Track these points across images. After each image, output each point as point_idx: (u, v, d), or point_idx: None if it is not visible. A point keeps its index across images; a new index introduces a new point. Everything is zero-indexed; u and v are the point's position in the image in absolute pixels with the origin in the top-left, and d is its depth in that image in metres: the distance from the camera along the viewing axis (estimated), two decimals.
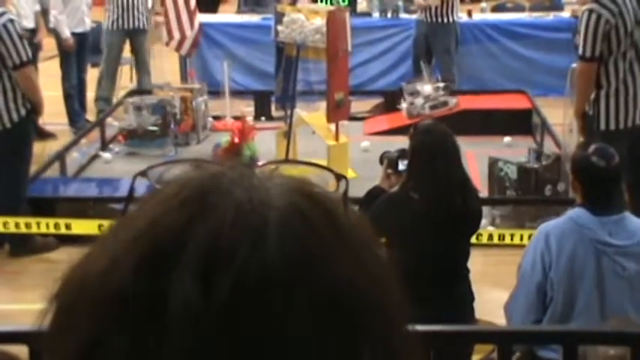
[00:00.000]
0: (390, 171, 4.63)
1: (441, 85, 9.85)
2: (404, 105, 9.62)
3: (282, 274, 0.62)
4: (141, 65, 10.43)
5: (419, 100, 9.55)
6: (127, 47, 10.43)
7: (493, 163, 7.40)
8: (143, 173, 0.78)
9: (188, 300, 0.61)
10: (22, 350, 2.87)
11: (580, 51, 6.31)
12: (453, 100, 9.67)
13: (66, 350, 0.64)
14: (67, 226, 6.66)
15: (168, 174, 0.75)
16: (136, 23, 10.09)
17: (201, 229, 0.63)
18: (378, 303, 0.66)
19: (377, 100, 10.63)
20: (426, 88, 9.68)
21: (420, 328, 0.71)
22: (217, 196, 0.65)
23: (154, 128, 8.88)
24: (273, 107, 9.96)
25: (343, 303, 0.64)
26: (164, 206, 0.66)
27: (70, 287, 0.67)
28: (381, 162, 4.75)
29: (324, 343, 0.62)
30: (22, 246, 6.86)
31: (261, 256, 0.62)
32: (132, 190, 0.79)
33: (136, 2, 10.02)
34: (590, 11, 6.22)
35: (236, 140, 8.06)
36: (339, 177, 0.78)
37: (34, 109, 6.85)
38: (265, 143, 8.25)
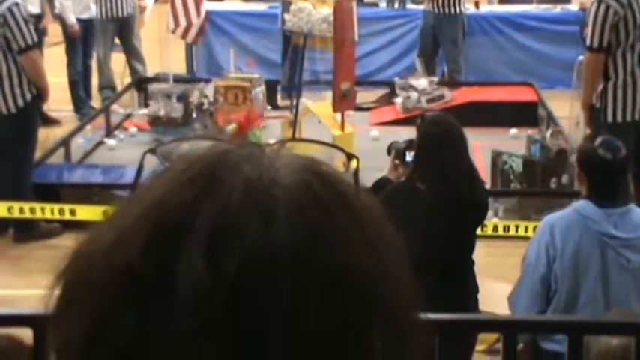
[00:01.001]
0: (397, 162, 4.62)
1: (436, 78, 9.87)
2: (398, 100, 9.63)
3: (290, 254, 0.62)
4: (133, 52, 10.42)
5: (414, 94, 9.57)
6: None
7: (496, 157, 7.39)
8: (152, 151, 0.77)
9: (196, 278, 0.60)
10: (26, 333, 2.88)
11: (587, 41, 6.30)
12: (449, 94, 9.69)
13: (73, 327, 0.64)
14: (72, 212, 6.67)
15: (177, 151, 0.74)
16: (127, 10, 10.09)
17: (209, 207, 0.63)
18: (388, 283, 0.66)
19: (383, 91, 10.61)
20: (422, 82, 9.70)
21: (424, 315, 0.70)
22: (226, 173, 0.64)
23: (178, 116, 8.83)
24: (279, 96, 9.94)
25: (352, 282, 0.63)
26: (172, 183, 0.65)
27: (77, 264, 0.66)
28: (389, 153, 4.74)
29: (332, 322, 0.62)
30: (27, 231, 6.86)
31: (270, 235, 0.62)
32: (141, 167, 0.78)
33: None
34: (600, 2, 6.21)
35: (241, 127, 8.05)
36: (350, 157, 0.78)
37: (40, 94, 6.84)
38: (271, 132, 8.25)
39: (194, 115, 8.85)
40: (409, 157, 4.51)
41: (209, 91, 9.33)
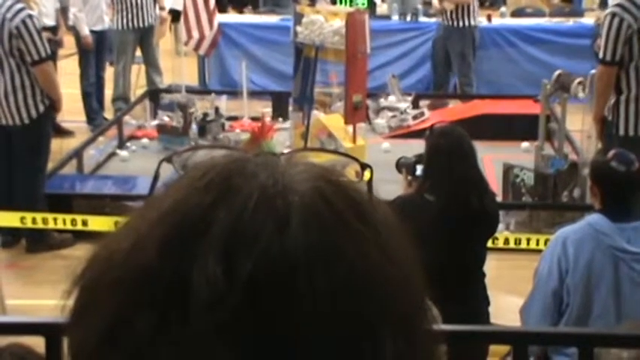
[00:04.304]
0: (410, 178, 4.61)
1: (409, 98, 9.98)
2: (379, 121, 9.65)
3: (303, 258, 0.63)
4: (152, 63, 10.46)
5: (395, 114, 9.67)
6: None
7: (508, 170, 7.38)
8: (168, 159, 0.78)
9: (211, 281, 0.61)
10: (39, 342, 2.89)
11: (600, 54, 6.30)
12: (427, 112, 9.84)
13: (90, 329, 0.65)
14: (84, 223, 6.68)
15: (193, 159, 0.75)
16: (148, 21, 10.13)
17: (224, 211, 0.64)
18: (401, 288, 0.66)
19: None
20: (401, 103, 9.82)
21: (436, 325, 0.71)
22: (242, 180, 0.66)
23: (179, 125, 9.01)
24: (290, 108, 9.97)
25: (365, 286, 0.64)
26: (189, 188, 0.66)
27: (95, 266, 0.67)
28: (398, 168, 4.73)
29: (345, 326, 0.63)
30: (39, 242, 6.89)
31: (284, 240, 0.63)
32: (157, 175, 0.79)
33: (146, 0, 10.07)
34: (613, 15, 6.20)
35: (255, 138, 8.06)
36: (364, 166, 0.79)
37: (53, 105, 6.87)
38: (282, 144, 8.26)
39: (193, 126, 9.01)
40: (419, 171, 4.50)
41: (221, 103, 9.40)
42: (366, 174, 0.78)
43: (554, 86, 7.37)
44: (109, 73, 10.42)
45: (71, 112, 9.18)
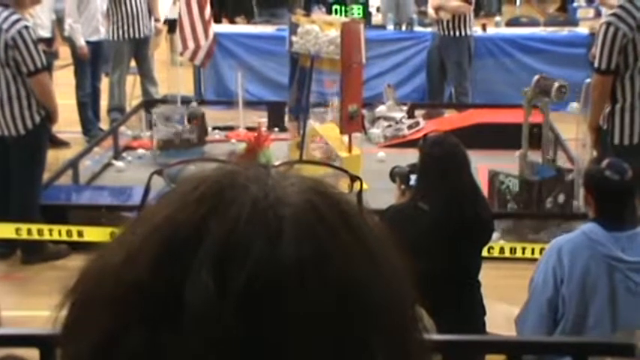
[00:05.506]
0: (403, 187, 4.62)
1: (405, 107, 9.99)
2: (375, 130, 9.66)
3: (295, 270, 0.63)
4: (147, 75, 10.46)
5: (391, 124, 9.68)
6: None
7: (493, 177, 7.39)
8: (159, 172, 0.79)
9: (204, 294, 0.62)
10: (33, 354, 2.89)
11: (596, 63, 6.31)
12: (423, 122, 9.84)
13: (82, 343, 0.65)
14: (80, 234, 6.67)
15: (184, 173, 0.76)
16: (144, 32, 10.13)
17: (217, 225, 0.64)
18: (390, 298, 0.67)
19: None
20: (396, 112, 9.79)
21: (430, 336, 0.71)
22: (234, 193, 0.66)
23: (191, 137, 8.88)
24: (286, 118, 9.98)
25: (355, 297, 0.65)
26: (181, 202, 0.67)
27: (86, 281, 0.67)
28: (392, 178, 4.74)
29: (337, 337, 0.63)
30: (34, 253, 6.87)
31: (276, 252, 0.63)
32: (148, 188, 0.80)
33: (141, 11, 10.07)
34: (608, 24, 6.22)
35: (251, 147, 8.07)
36: (354, 178, 0.79)
37: (49, 116, 6.87)
38: (278, 154, 8.26)
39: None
40: (413, 180, 4.51)
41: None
42: (356, 186, 0.79)
43: (535, 90, 7.38)
44: (104, 83, 10.41)
45: (67, 122, 9.17)
